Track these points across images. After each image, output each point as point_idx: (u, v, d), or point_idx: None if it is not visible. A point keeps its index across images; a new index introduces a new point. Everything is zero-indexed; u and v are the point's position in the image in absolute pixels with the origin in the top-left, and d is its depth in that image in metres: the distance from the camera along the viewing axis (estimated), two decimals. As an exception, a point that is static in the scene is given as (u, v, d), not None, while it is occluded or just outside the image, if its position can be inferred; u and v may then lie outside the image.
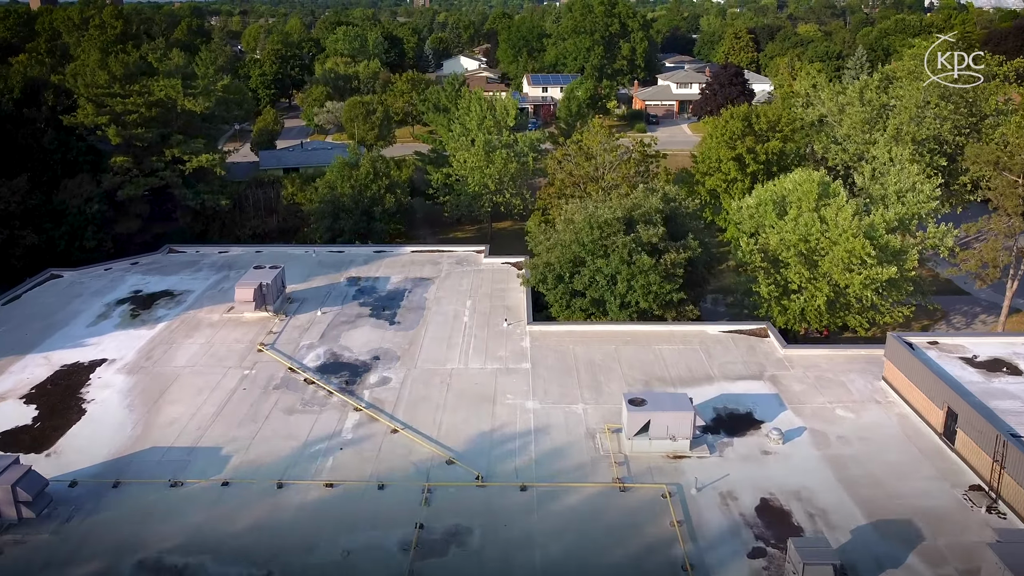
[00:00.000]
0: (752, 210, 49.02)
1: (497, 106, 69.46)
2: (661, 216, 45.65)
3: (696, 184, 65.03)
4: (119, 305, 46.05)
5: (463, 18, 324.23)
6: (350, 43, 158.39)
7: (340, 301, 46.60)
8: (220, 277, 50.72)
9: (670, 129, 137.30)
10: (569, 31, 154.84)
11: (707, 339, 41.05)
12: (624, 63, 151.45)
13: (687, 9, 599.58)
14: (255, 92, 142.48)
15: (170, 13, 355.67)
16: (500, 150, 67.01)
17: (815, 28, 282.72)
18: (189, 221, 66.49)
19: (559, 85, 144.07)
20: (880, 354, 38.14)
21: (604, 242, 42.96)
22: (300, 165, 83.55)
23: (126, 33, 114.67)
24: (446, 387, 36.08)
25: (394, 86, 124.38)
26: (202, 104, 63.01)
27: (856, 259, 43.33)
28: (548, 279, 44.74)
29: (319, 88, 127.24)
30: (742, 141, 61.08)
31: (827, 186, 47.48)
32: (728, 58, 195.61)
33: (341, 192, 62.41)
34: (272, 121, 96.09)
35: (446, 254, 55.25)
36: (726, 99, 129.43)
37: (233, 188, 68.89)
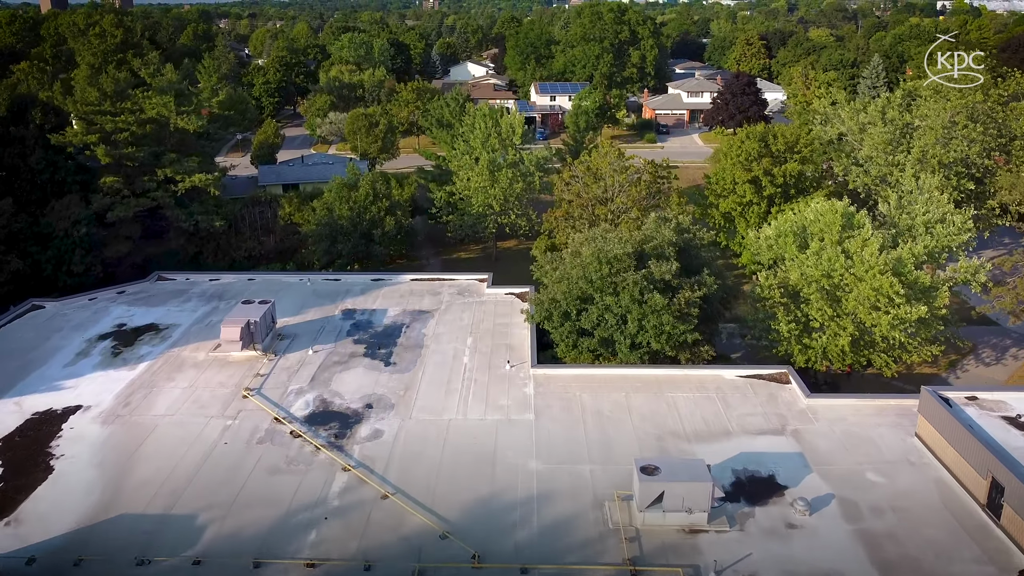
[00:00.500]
0: (771, 241, 46.21)
1: (503, 123, 66.80)
2: (674, 249, 42.93)
3: (709, 207, 62.21)
4: (101, 341, 43.60)
5: (471, 22, 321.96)
6: (355, 50, 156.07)
7: (333, 337, 44.03)
8: (209, 309, 48.24)
9: (681, 139, 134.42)
10: (578, 38, 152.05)
11: (723, 385, 38.26)
12: (634, 71, 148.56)
13: (697, 12, 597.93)
14: (258, 100, 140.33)
15: (178, 16, 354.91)
16: (505, 169, 64.36)
17: (827, 33, 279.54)
18: (183, 242, 64.09)
19: (567, 94, 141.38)
20: (911, 404, 35.38)
21: (614, 279, 40.25)
22: (300, 181, 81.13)
23: (126, 42, 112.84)
24: (442, 442, 33.43)
25: (399, 95, 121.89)
26: (195, 123, 60.60)
27: (883, 298, 40.50)
28: (554, 316, 42.06)
29: (323, 97, 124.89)
30: (758, 162, 58.25)
31: (851, 217, 44.62)
32: (739, 64, 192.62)
33: (339, 214, 59.89)
34: (272, 134, 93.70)
35: (447, 283, 52.62)
36: (738, 109, 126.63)
37: (229, 208, 66.46)
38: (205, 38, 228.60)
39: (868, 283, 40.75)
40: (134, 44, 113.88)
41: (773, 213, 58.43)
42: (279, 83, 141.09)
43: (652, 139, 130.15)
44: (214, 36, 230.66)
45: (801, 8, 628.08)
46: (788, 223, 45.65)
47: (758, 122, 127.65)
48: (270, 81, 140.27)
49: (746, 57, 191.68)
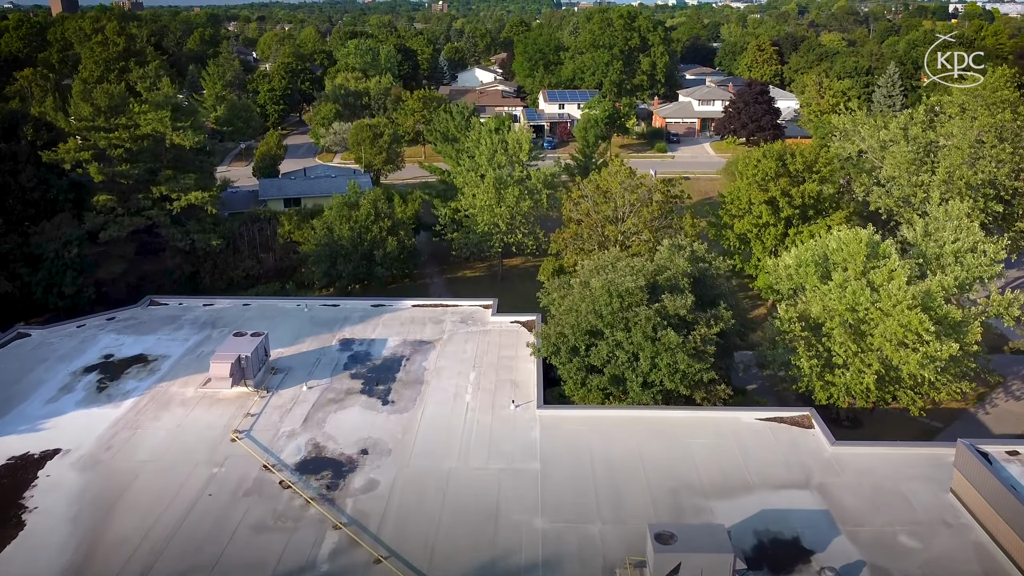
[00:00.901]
0: (791, 270, 43.84)
1: (509, 139, 64.59)
2: (689, 280, 40.63)
3: (723, 227, 59.83)
4: (86, 374, 41.57)
5: (479, 26, 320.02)
6: (362, 57, 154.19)
7: (330, 371, 41.88)
8: (201, 338, 46.18)
9: (692, 148, 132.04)
10: (587, 45, 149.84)
11: (742, 430, 35.90)
12: (644, 78, 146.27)
13: (707, 16, 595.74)
14: (263, 108, 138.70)
15: (186, 20, 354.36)
16: (512, 187, 62.16)
17: (839, 38, 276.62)
18: (179, 262, 62.16)
19: (576, 102, 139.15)
20: (945, 454, 33.02)
21: (625, 313, 37.96)
22: (302, 195, 79.14)
23: (128, 50, 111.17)
24: (442, 495, 31.19)
25: (405, 104, 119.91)
26: (191, 138, 58.64)
27: (912, 334, 38.10)
28: (561, 351, 39.82)
29: (328, 106, 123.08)
30: (775, 183, 55.87)
31: (876, 246, 42.22)
32: (751, 71, 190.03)
33: (339, 234, 57.80)
34: (275, 145, 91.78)
35: (450, 310, 50.42)
36: (750, 118, 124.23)
37: (227, 225, 64.50)
38: (212, 42, 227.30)
39: (895, 319, 38.37)
40: (136, 52, 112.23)
41: (791, 235, 56.16)
42: (284, 90, 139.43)
43: (662, 148, 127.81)
44: (220, 41, 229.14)
45: (812, 11, 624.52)
46: (809, 252, 43.27)
47: (770, 131, 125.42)
48: (275, 88, 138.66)
49: (758, 63, 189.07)
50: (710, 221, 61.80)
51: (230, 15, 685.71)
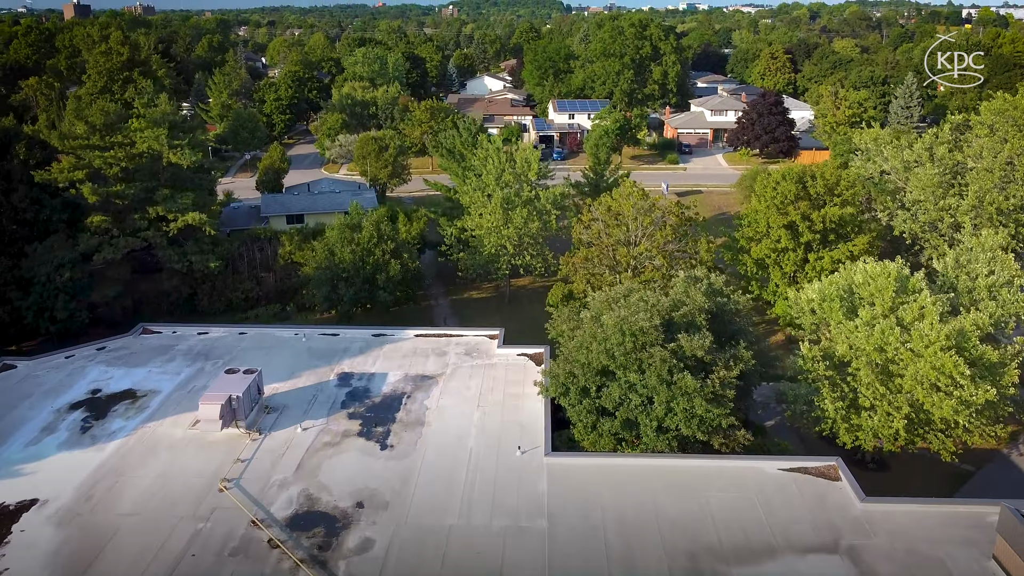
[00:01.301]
0: (814, 304, 41.45)
1: (517, 157, 62.40)
2: (706, 317, 38.30)
3: (740, 251, 57.45)
4: (71, 412, 39.58)
5: (489, 32, 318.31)
6: (369, 65, 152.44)
7: (326, 410, 39.74)
8: (193, 371, 44.14)
9: (704, 160, 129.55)
10: (598, 54, 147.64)
11: (764, 482, 33.51)
12: (655, 88, 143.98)
13: (718, 21, 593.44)
14: (269, 117, 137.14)
15: (196, 25, 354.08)
16: (519, 208, 59.98)
17: (852, 44, 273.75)
18: (176, 284, 60.25)
19: (586, 112, 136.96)
20: (984, 514, 30.63)
21: (638, 354, 35.68)
22: (305, 211, 77.18)
23: (133, 60, 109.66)
24: (441, 557, 28.95)
25: (412, 115, 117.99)
26: (189, 157, 56.73)
27: (945, 378, 35.67)
28: (571, 392, 37.56)
29: (334, 116, 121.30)
30: (795, 206, 53.48)
31: (905, 280, 39.79)
32: (764, 79, 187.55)
33: (341, 257, 55.74)
34: (278, 159, 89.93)
35: (454, 340, 48.22)
36: (764, 129, 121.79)
37: (226, 246, 62.54)
38: (220, 49, 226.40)
39: (928, 361, 35.93)
40: (141, 62, 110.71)
41: (811, 260, 53.76)
42: (291, 100, 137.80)
43: (674, 160, 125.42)
44: (228, 49, 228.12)
45: (824, 16, 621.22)
46: (833, 286, 40.86)
47: (785, 142, 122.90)
48: (282, 98, 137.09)
49: (771, 72, 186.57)
50: (726, 244, 59.44)
51: (241, 19, 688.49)
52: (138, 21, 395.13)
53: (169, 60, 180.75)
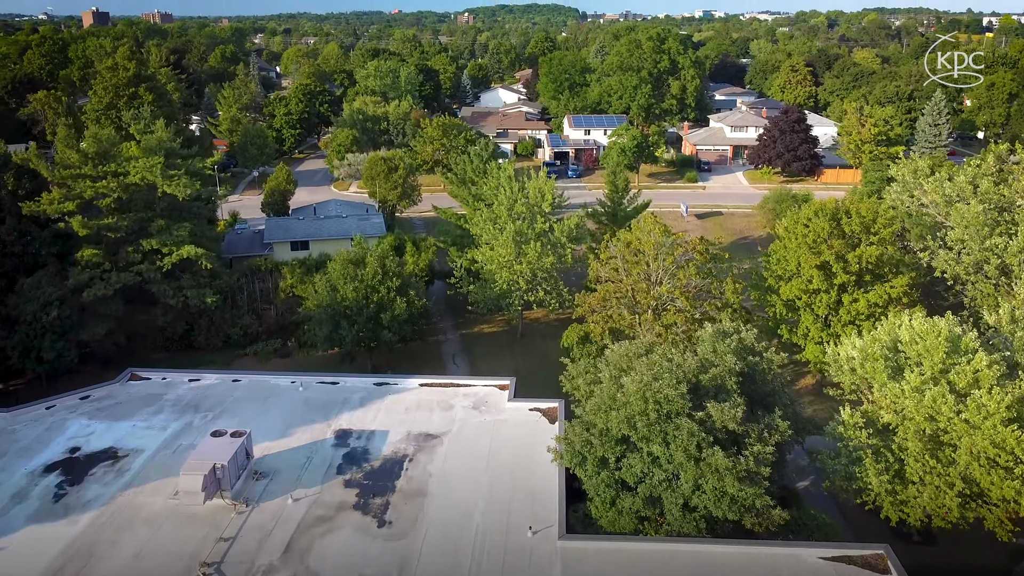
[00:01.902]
0: (854, 363, 37.83)
1: (530, 187, 59.09)
2: (736, 381, 34.80)
3: (768, 291, 53.84)
4: (45, 475, 36.56)
5: (504, 42, 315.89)
6: (382, 79, 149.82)
7: (321, 475, 36.50)
8: (181, 426, 41.04)
9: (723, 178, 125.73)
10: (614, 68, 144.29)
11: (803, 573, 29.93)
12: (673, 102, 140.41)
13: (735, 29, 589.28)
14: (279, 132, 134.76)
15: (211, 35, 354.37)
16: (533, 242, 56.66)
17: (872, 55, 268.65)
18: (171, 320, 57.34)
19: (603, 128, 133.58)
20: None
21: (663, 426, 32.22)
22: (310, 238, 74.27)
23: (139, 76, 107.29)
24: (441, 670, 25.61)
25: (424, 131, 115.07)
26: (184, 189, 53.81)
27: (1006, 455, 32.00)
28: (588, 462, 34.15)
29: (344, 132, 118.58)
30: (828, 245, 49.83)
31: (957, 339, 36.11)
32: (784, 92, 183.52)
33: (343, 294, 52.62)
34: (284, 179, 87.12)
35: (461, 391, 44.88)
36: (786, 147, 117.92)
37: (225, 279, 59.61)
38: (233, 60, 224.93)
39: (986, 434, 32.25)
40: (147, 77, 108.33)
41: (845, 303, 50.07)
42: (301, 114, 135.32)
43: (693, 178, 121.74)
44: (241, 61, 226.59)
45: (842, 24, 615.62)
46: (877, 343, 37.24)
47: (807, 160, 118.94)
48: (292, 112, 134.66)
49: (791, 84, 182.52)
50: (753, 283, 55.84)
51: (257, 27, 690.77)
52: (153, 30, 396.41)
53: (180, 72, 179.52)
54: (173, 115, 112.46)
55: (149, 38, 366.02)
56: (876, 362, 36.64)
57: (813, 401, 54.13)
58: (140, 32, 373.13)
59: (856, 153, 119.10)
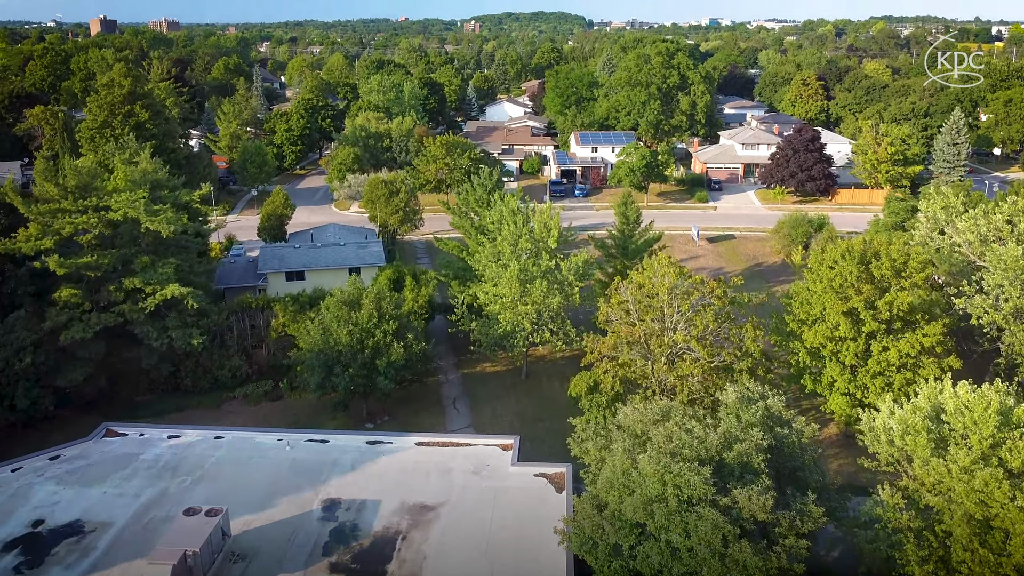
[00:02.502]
0: (893, 435, 34.35)
1: (536, 222, 55.75)
2: (764, 458, 31.37)
3: (790, 336, 50.37)
4: (4, 554, 33.34)
5: (510, 53, 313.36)
6: (385, 94, 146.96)
7: (304, 557, 33.17)
8: (156, 493, 37.79)
9: (735, 198, 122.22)
10: (623, 83, 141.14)
11: None
12: (683, 119, 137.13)
13: (742, 38, 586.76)
14: (280, 148, 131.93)
15: (216, 45, 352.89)
16: (538, 280, 53.34)
17: (883, 66, 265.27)
18: (155, 362, 54.16)
19: (610, 145, 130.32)
20: None
21: (684, 515, 28.81)
22: (306, 268, 71.04)
23: (134, 93, 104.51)
24: None
25: (427, 150, 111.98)
26: (168, 226, 50.67)
27: (1070, 548, 28.49)
28: (599, 549, 30.77)
29: (346, 150, 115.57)
30: (856, 289, 46.37)
31: (1008, 411, 32.63)
32: (795, 106, 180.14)
33: (337, 338, 49.36)
34: (281, 204, 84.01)
35: (460, 452, 41.56)
36: (800, 167, 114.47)
37: (214, 317, 56.40)
38: (237, 72, 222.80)
39: (1046, 524, 28.76)
40: (143, 95, 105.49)
41: (874, 352, 46.56)
42: (303, 130, 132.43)
43: (704, 198, 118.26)
44: (244, 73, 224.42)
45: (850, 33, 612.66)
46: (919, 413, 33.77)
47: (822, 180, 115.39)
48: (293, 128, 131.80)
49: (802, 98, 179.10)
50: (773, 326, 52.34)
51: (264, 35, 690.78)
52: (158, 39, 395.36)
53: (182, 85, 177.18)
54: (170, 132, 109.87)
55: (154, 48, 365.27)
56: (918, 435, 33.15)
57: (839, 454, 50.68)
58: (145, 42, 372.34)
59: (872, 173, 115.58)
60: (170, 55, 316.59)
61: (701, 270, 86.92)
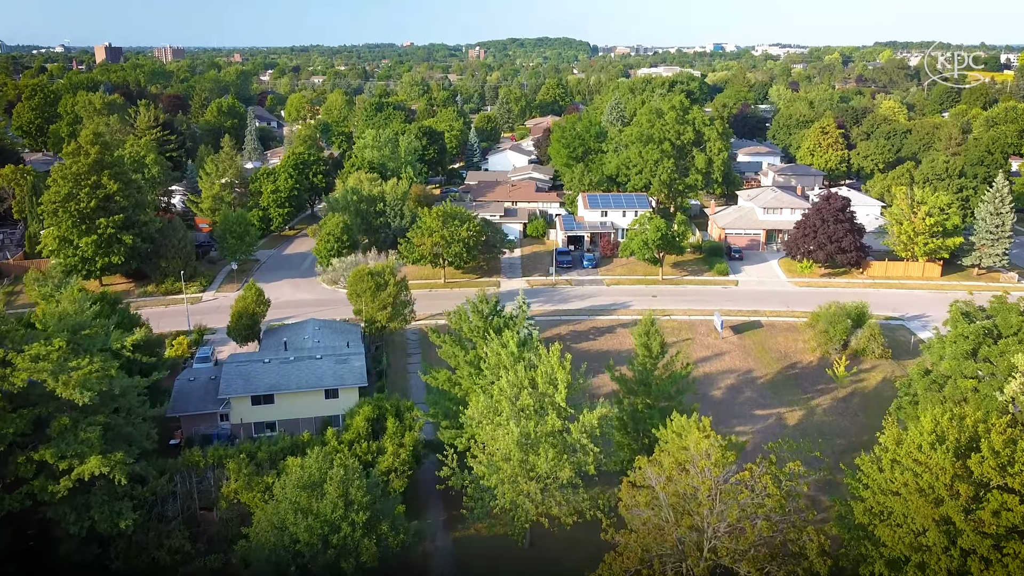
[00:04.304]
0: None
1: (539, 376, 45.65)
2: None
3: (861, 535, 40.29)
4: None
5: (513, 89, 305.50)
6: (380, 151, 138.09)
7: None
8: None
9: (758, 268, 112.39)
10: (633, 138, 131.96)
11: None
12: (699, 177, 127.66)
13: (748, 65, 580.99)
14: (265, 211, 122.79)
15: (215, 80, 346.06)
16: (545, 445, 43.45)
17: (898, 104, 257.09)
18: (76, 546, 44.27)
19: (621, 208, 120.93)
20: None
21: None
22: (275, 390, 61.36)
23: (102, 162, 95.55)
24: None
25: (422, 220, 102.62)
26: (86, 395, 41.10)
27: None
28: None
29: (335, 219, 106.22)
30: (951, 491, 36.40)
31: None
32: (813, 155, 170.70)
33: (295, 533, 39.46)
34: (254, 301, 74.41)
35: None
36: (829, 237, 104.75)
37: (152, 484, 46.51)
38: (231, 114, 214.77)
39: None
40: (110, 163, 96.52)
41: (973, 571, 36.42)
42: (291, 191, 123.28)
43: (723, 270, 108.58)
44: (240, 114, 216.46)
45: (856, 62, 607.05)
46: None
47: (853, 253, 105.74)
48: (280, 189, 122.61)
49: (821, 147, 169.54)
50: (837, 514, 42.32)
51: (268, 63, 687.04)
52: (157, 73, 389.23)
53: (170, 133, 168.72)
54: (141, 203, 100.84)
55: (152, 82, 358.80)
56: None
57: None
58: (143, 76, 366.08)
59: (908, 245, 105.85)
60: (167, 91, 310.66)
61: (728, 373, 77.07)
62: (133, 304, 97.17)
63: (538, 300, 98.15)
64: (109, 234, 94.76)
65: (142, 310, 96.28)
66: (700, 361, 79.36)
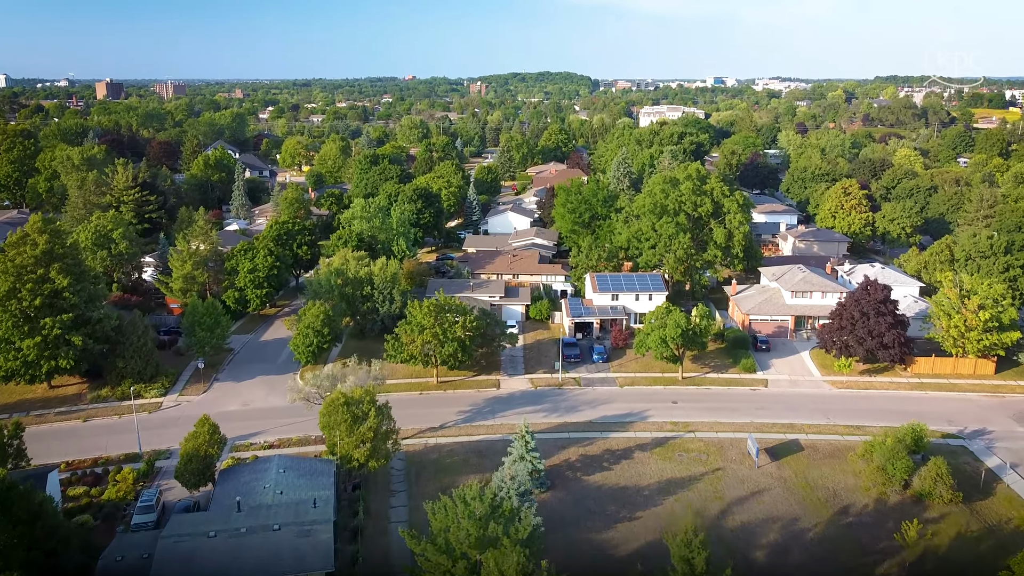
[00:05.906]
0: None
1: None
2: None
3: None
4: None
5: (515, 136, 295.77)
6: (370, 221, 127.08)
7: None
8: None
9: (788, 362, 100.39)
10: (646, 209, 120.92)
11: None
12: (718, 252, 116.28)
13: (750, 100, 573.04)
14: (242, 292, 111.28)
15: (210, 123, 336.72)
16: None
17: (912, 152, 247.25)
18: None
19: (634, 292, 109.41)
20: None
21: None
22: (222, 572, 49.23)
23: (51, 253, 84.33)
24: None
25: (412, 316, 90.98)
26: None
27: None
28: None
29: (315, 308, 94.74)
30: None
31: None
32: (835, 218, 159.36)
33: None
34: (206, 440, 62.53)
35: None
36: (869, 332, 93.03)
37: None
38: (219, 168, 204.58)
39: None
40: (61, 255, 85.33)
41: None
42: (270, 270, 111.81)
43: (750, 366, 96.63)
44: (229, 167, 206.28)
45: (860, 99, 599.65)
46: None
47: (896, 349, 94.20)
48: (258, 268, 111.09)
49: (844, 210, 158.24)
50: None
51: (269, 99, 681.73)
52: (151, 116, 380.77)
53: (150, 193, 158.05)
54: (95, 297, 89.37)
55: (146, 125, 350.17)
56: None
57: None
58: (136, 119, 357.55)
59: (959, 340, 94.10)
60: (159, 135, 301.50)
61: (770, 522, 64.63)
62: (82, 413, 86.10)
63: (543, 408, 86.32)
64: (56, 335, 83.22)
65: (91, 421, 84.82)
66: (734, 504, 67.16)
